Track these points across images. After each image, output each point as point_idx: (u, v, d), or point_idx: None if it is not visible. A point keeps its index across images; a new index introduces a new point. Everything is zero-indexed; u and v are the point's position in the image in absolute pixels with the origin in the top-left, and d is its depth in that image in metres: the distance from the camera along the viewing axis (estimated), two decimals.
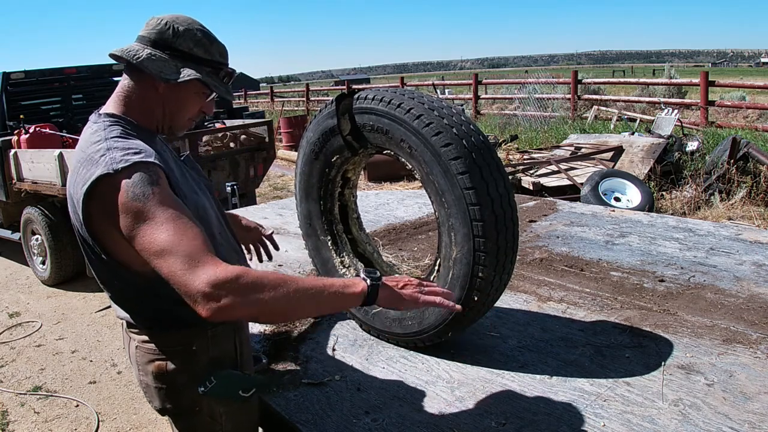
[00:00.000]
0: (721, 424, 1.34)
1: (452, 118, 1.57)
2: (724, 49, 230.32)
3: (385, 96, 1.66)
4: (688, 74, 19.40)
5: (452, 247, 1.59)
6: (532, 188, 6.02)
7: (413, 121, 1.58)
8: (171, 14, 1.27)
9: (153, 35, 1.22)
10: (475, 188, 1.50)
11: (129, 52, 1.21)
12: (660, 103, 9.26)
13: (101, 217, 1.11)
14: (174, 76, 1.21)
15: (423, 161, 1.59)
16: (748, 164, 6.03)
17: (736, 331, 1.79)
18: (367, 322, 1.89)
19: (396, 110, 1.61)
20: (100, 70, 6.44)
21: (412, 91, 1.69)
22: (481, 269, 1.56)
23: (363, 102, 1.70)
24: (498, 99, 14.02)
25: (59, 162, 4.47)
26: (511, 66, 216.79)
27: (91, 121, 1.24)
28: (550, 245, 2.72)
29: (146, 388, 1.28)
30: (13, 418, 3.10)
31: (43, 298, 4.94)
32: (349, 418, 1.49)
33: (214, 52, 1.26)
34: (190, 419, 1.28)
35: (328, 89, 23.27)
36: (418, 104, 1.60)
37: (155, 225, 1.05)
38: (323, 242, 2.06)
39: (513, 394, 1.54)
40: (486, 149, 1.56)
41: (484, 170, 1.53)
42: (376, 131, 1.69)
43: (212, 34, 1.28)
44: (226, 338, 1.29)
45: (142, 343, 1.25)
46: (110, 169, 1.08)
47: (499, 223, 1.54)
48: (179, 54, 1.22)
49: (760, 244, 2.56)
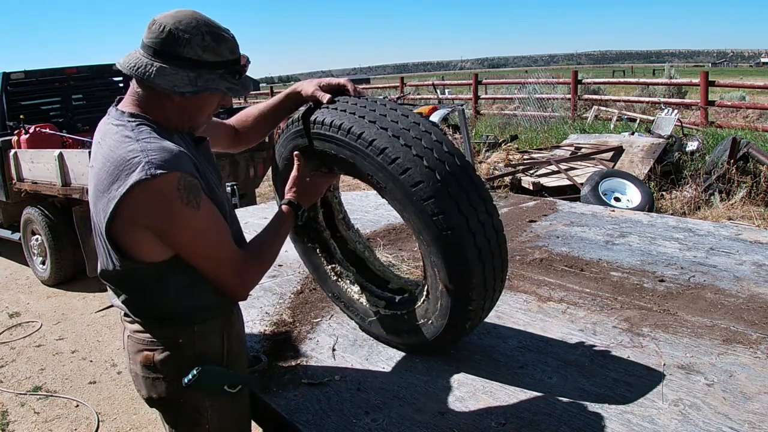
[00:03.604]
0: (721, 424, 1.34)
1: (421, 144, 1.39)
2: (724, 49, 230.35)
3: (344, 123, 1.44)
4: (688, 74, 19.40)
5: (437, 280, 1.51)
6: (532, 188, 6.03)
7: (377, 156, 1.39)
8: (172, 15, 1.20)
9: (158, 45, 1.18)
10: (453, 228, 1.37)
11: (138, 68, 1.18)
12: (660, 103, 9.27)
13: (132, 219, 1.14)
14: (188, 88, 1.18)
15: (394, 199, 1.46)
16: (748, 164, 6.03)
17: (736, 331, 1.79)
18: (366, 328, 1.90)
19: (357, 142, 1.42)
20: (100, 70, 6.44)
21: (375, 104, 1.49)
22: (471, 302, 1.49)
23: (320, 128, 1.50)
24: (498, 99, 14.02)
25: (59, 162, 4.47)
26: (511, 66, 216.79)
27: (113, 118, 1.23)
28: (550, 245, 2.72)
29: (135, 376, 1.31)
30: (13, 418, 3.10)
31: (43, 298, 4.94)
32: (349, 418, 1.49)
33: (224, 52, 1.22)
34: (176, 411, 1.31)
35: None
36: (380, 131, 1.40)
37: (198, 232, 1.18)
38: (311, 249, 1.96)
39: (513, 394, 1.54)
40: (463, 174, 1.41)
41: (462, 203, 1.38)
42: (340, 162, 1.51)
43: (219, 31, 1.22)
44: (214, 334, 1.30)
45: (134, 333, 1.29)
46: (148, 174, 1.10)
47: (483, 254, 1.43)
48: (189, 62, 1.18)
49: (760, 244, 2.56)
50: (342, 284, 1.92)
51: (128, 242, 1.18)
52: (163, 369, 1.26)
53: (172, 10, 1.23)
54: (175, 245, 1.19)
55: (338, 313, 2.12)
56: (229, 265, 1.24)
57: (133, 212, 1.13)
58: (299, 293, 2.32)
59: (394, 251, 2.77)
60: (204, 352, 1.28)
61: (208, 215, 1.19)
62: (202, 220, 1.17)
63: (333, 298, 1.98)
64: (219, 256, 1.23)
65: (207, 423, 1.30)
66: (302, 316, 2.12)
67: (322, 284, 2.01)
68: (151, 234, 1.16)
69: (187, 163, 1.16)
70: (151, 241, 1.17)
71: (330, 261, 1.94)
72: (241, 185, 5.68)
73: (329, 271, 1.94)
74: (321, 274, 1.97)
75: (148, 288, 1.23)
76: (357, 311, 1.88)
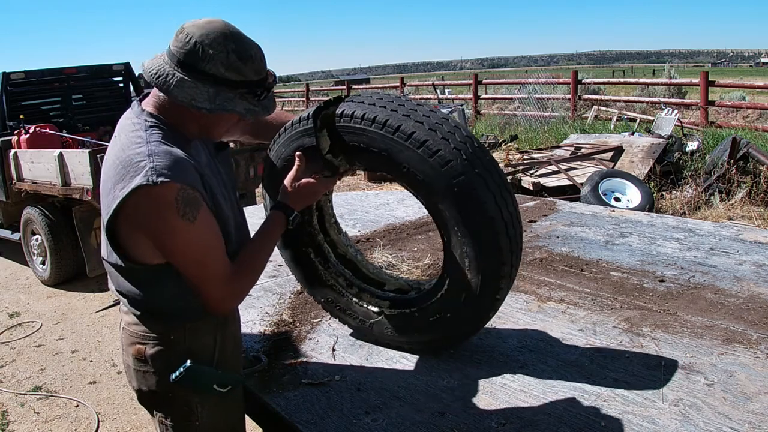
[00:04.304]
0: (721, 424, 1.34)
1: (456, 138, 1.44)
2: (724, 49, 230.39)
3: (378, 116, 1.46)
4: (688, 74, 19.40)
5: (465, 273, 1.53)
6: (532, 188, 6.03)
7: (417, 148, 1.43)
8: (201, 26, 1.17)
9: (182, 55, 1.16)
10: (493, 217, 1.44)
11: (159, 77, 1.17)
12: (660, 103, 9.27)
13: (130, 220, 1.16)
14: (205, 104, 1.17)
15: (430, 192, 1.48)
16: (748, 164, 6.03)
17: (736, 331, 1.79)
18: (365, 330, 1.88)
19: (395, 135, 1.45)
20: (100, 70, 6.44)
21: (401, 101, 1.52)
22: (500, 291, 1.55)
23: (349, 121, 1.50)
24: (498, 99, 14.02)
25: (59, 162, 4.47)
26: (511, 66, 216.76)
27: (133, 114, 1.23)
28: (550, 245, 2.72)
29: (127, 368, 1.34)
30: (13, 418, 3.10)
31: (43, 298, 4.94)
32: (349, 418, 1.49)
33: (249, 73, 1.19)
34: (167, 404, 1.32)
35: (328, 89, 23.26)
36: (417, 124, 1.44)
37: (188, 244, 1.18)
38: (304, 253, 1.91)
39: (513, 394, 1.54)
40: (493, 167, 1.47)
41: (497, 195, 1.45)
42: (369, 155, 1.51)
43: (247, 51, 1.19)
44: (206, 333, 1.31)
45: (128, 325, 1.31)
46: (150, 181, 1.10)
47: (513, 244, 1.50)
48: (210, 78, 1.16)
49: (760, 244, 2.56)
50: (338, 288, 1.89)
51: (126, 241, 1.20)
52: (154, 363, 1.27)
53: (204, 20, 1.20)
54: (165, 253, 1.19)
55: None
56: (215, 281, 1.23)
57: (132, 214, 1.15)
58: (299, 293, 2.32)
59: (394, 251, 2.77)
60: (195, 350, 1.29)
61: (203, 230, 1.19)
62: (195, 234, 1.17)
63: (326, 303, 1.93)
64: (206, 272, 1.22)
65: (197, 419, 1.32)
66: (302, 316, 2.12)
67: (314, 290, 1.95)
68: (146, 237, 1.18)
69: (190, 175, 1.17)
70: (147, 244, 1.19)
71: (325, 265, 1.91)
72: (241, 185, 5.68)
73: (324, 276, 1.90)
74: (313, 279, 1.92)
75: (143, 286, 1.25)
76: (355, 314, 1.86)
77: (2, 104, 5.64)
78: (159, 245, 1.18)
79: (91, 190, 4.26)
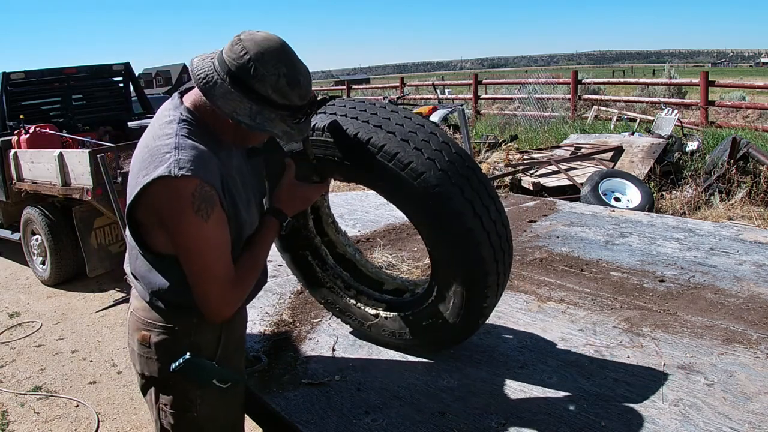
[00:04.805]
0: (721, 424, 1.34)
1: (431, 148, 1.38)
2: (724, 49, 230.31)
3: (348, 129, 1.43)
4: (688, 74, 19.40)
5: (451, 281, 1.52)
6: (532, 188, 6.02)
7: (389, 161, 1.38)
8: (258, 42, 1.17)
9: (234, 67, 1.16)
10: (471, 228, 1.39)
11: (207, 83, 1.17)
12: (660, 103, 9.26)
13: (149, 208, 1.19)
14: (245, 119, 1.17)
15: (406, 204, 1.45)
16: (748, 164, 6.02)
17: (736, 331, 1.79)
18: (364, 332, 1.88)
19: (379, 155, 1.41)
20: (100, 70, 6.43)
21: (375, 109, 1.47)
22: (486, 299, 1.53)
23: (321, 135, 1.47)
24: (498, 99, 14.01)
25: (59, 162, 4.47)
26: (511, 66, 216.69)
27: (171, 106, 1.25)
28: (550, 245, 2.72)
29: (131, 352, 1.36)
30: (13, 418, 3.10)
31: (43, 298, 4.93)
32: (349, 418, 1.49)
33: (294, 98, 1.20)
34: (165, 393, 1.33)
35: (328, 89, 23.26)
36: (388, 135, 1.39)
37: (197, 241, 1.18)
38: (302, 256, 1.92)
39: (513, 393, 1.54)
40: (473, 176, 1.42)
41: (476, 204, 1.40)
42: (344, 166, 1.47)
43: (297, 77, 1.19)
44: (211, 330, 1.33)
45: (136, 310, 1.33)
46: (171, 173, 1.13)
47: (498, 252, 1.46)
48: (256, 96, 1.17)
49: (760, 244, 2.56)
50: (336, 290, 1.89)
51: (144, 227, 1.24)
52: (157, 351, 1.30)
53: (262, 35, 1.19)
54: (175, 245, 1.21)
55: None
56: (216, 283, 1.22)
57: (151, 203, 1.18)
58: (299, 293, 2.32)
59: (394, 251, 2.77)
60: (198, 343, 1.30)
61: (213, 230, 1.19)
62: (205, 232, 1.18)
63: (326, 304, 1.94)
64: (208, 272, 1.22)
65: (196, 410, 1.33)
66: (302, 316, 2.12)
67: (313, 292, 1.96)
68: (161, 227, 1.20)
69: (211, 173, 1.18)
70: (162, 233, 1.21)
71: (322, 267, 1.90)
72: None
73: (322, 278, 1.90)
74: (312, 281, 1.93)
75: (156, 273, 1.27)
76: (354, 316, 1.86)
77: (2, 104, 5.63)
78: (171, 236, 1.20)
79: (91, 190, 4.26)
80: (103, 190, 4.19)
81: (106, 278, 4.90)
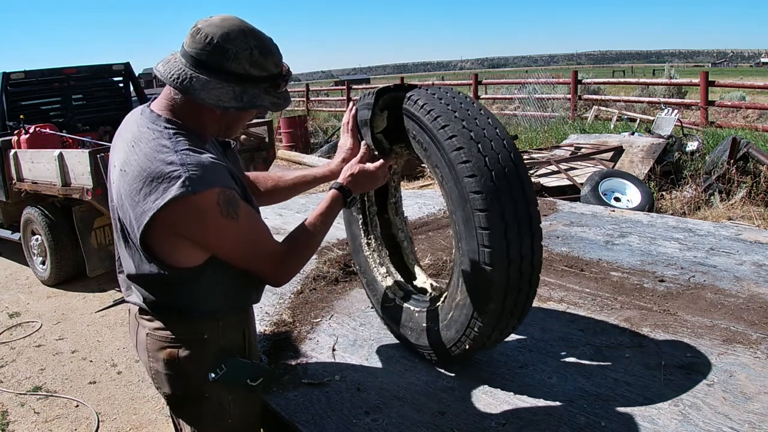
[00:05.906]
0: (721, 424, 1.34)
1: (494, 156, 1.35)
2: (724, 49, 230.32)
3: (434, 108, 1.43)
4: (688, 74, 19.40)
5: (457, 291, 1.50)
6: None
7: (452, 152, 1.37)
8: (218, 25, 1.15)
9: (203, 56, 1.14)
10: (493, 248, 1.34)
11: (182, 81, 1.14)
12: (660, 103, 9.26)
13: (168, 229, 1.15)
14: (233, 104, 1.16)
15: (450, 198, 1.44)
16: (748, 164, 6.02)
17: (736, 331, 1.79)
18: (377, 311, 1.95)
19: (439, 131, 1.40)
20: (100, 70, 6.43)
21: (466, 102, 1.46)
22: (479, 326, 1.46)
23: (412, 105, 1.49)
24: (498, 99, 14.01)
25: (59, 162, 4.47)
26: (511, 66, 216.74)
27: (148, 120, 1.20)
28: (550, 245, 2.72)
29: (156, 374, 1.30)
30: (13, 418, 3.10)
31: (43, 298, 4.93)
32: (349, 418, 1.49)
33: (270, 67, 1.19)
34: (199, 407, 1.30)
35: (328, 89, 23.26)
36: (463, 130, 1.37)
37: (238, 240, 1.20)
38: (355, 218, 2.02)
39: (513, 393, 1.54)
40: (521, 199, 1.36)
41: (510, 229, 1.34)
42: (418, 143, 1.50)
43: (267, 44, 1.19)
44: (236, 329, 1.32)
45: (154, 331, 1.27)
46: (189, 191, 1.10)
47: (510, 285, 1.38)
48: (234, 77, 1.15)
49: (760, 244, 2.56)
50: (371, 262, 1.96)
51: (162, 249, 1.19)
52: (189, 365, 1.26)
53: (217, 18, 1.18)
54: (216, 251, 1.21)
55: (338, 313, 2.12)
56: (270, 259, 1.27)
57: (171, 223, 1.14)
58: (299, 293, 2.32)
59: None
60: (227, 346, 1.29)
61: (248, 222, 1.21)
62: (242, 229, 1.19)
63: (359, 270, 2.04)
64: (259, 256, 1.25)
65: (230, 416, 1.31)
66: (302, 316, 2.13)
67: (354, 254, 2.06)
68: (188, 242, 1.17)
69: (224, 177, 1.17)
70: (188, 247, 1.18)
71: (367, 235, 1.99)
72: None
73: (364, 245, 1.99)
74: (356, 245, 2.03)
75: (178, 288, 1.23)
76: (376, 292, 1.92)
77: (2, 104, 5.63)
78: (207, 246, 1.19)
79: (91, 190, 4.26)
80: (103, 190, 4.19)
81: (106, 278, 4.90)
